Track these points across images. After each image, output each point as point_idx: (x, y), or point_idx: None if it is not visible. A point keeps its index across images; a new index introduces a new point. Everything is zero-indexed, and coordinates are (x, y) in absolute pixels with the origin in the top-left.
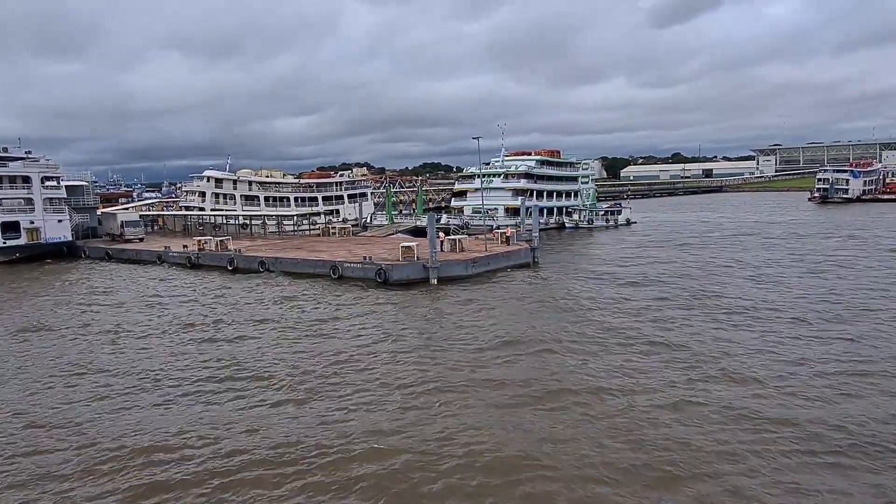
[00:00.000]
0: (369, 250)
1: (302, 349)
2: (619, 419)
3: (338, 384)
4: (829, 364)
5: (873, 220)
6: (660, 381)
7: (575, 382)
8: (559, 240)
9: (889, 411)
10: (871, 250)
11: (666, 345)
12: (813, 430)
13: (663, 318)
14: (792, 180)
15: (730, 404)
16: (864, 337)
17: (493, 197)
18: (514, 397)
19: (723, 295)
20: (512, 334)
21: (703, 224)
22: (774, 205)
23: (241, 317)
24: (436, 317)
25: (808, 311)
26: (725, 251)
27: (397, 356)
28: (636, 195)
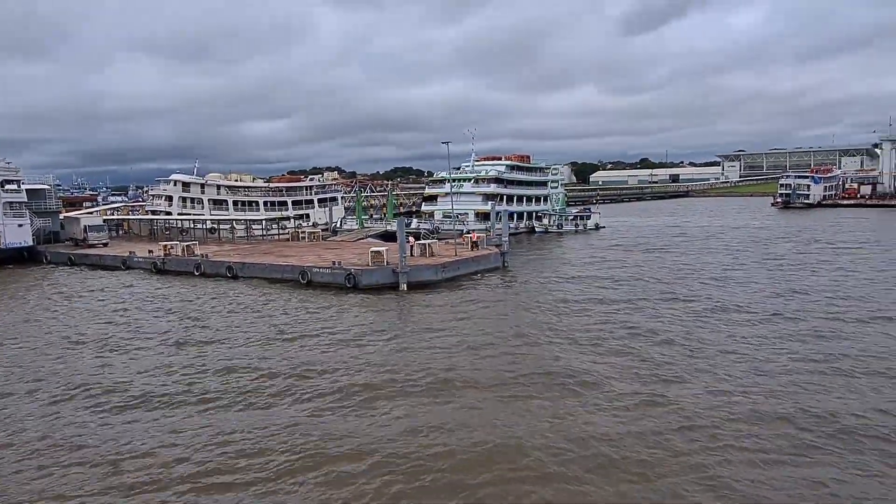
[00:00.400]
0: (339, 255)
1: (268, 355)
2: (593, 417)
3: (305, 389)
4: (794, 361)
5: (832, 225)
6: (630, 380)
7: (546, 383)
8: (529, 244)
9: (852, 402)
10: (831, 253)
11: (634, 344)
12: (779, 423)
13: (631, 321)
14: (756, 185)
15: (700, 400)
16: (825, 335)
17: (463, 201)
18: (484, 399)
19: (690, 297)
20: (481, 338)
21: (671, 228)
22: (739, 210)
23: (207, 323)
24: (405, 322)
25: (771, 312)
26: (692, 255)
27: (365, 360)
28: (605, 200)
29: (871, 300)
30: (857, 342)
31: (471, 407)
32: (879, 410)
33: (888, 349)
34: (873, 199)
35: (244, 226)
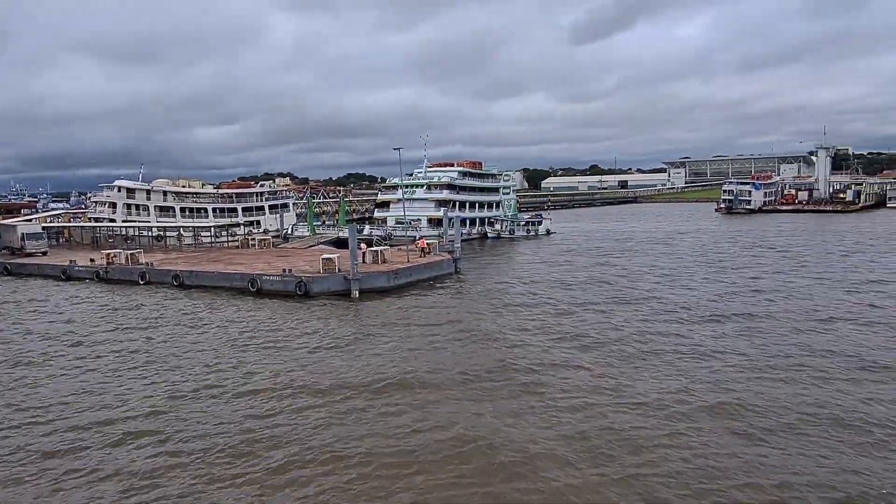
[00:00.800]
0: (290, 262)
1: (214, 364)
2: (546, 416)
3: (251, 399)
4: (736, 355)
5: (772, 229)
6: (584, 381)
7: (500, 386)
8: (482, 250)
9: (787, 395)
10: (771, 257)
11: (586, 345)
12: (724, 416)
13: (582, 323)
14: (700, 191)
15: (650, 398)
16: (764, 331)
17: (416, 208)
18: (436, 402)
19: (639, 299)
20: (432, 343)
21: (620, 233)
22: (685, 215)
23: (150, 334)
24: (356, 329)
25: (716, 312)
26: (641, 259)
27: (314, 368)
28: (557, 206)
29: (808, 300)
30: (798, 339)
31: (424, 410)
32: (822, 402)
33: (825, 345)
34: (810, 205)
35: (192, 233)
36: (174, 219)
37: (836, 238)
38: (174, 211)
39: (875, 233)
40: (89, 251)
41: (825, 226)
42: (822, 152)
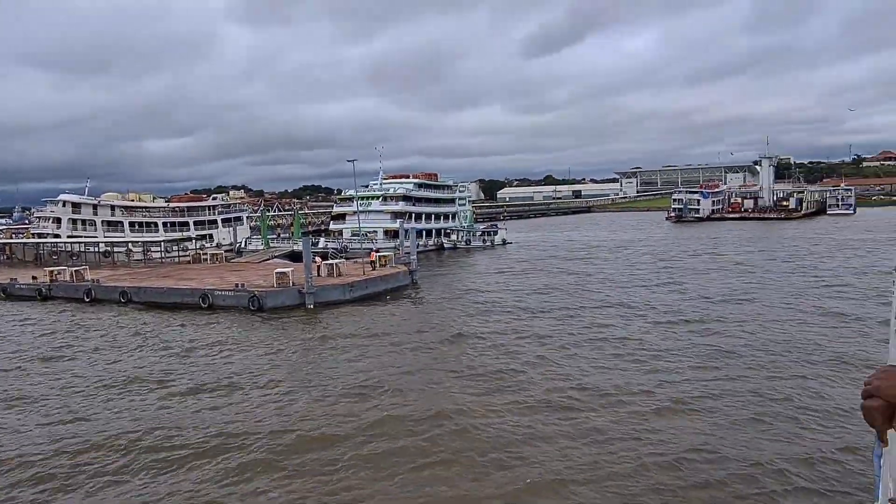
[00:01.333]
0: (243, 277)
1: (164, 382)
2: (505, 424)
3: (201, 419)
4: (689, 360)
5: (719, 236)
6: (537, 390)
7: (454, 399)
8: (438, 261)
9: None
10: (718, 262)
11: (543, 353)
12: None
13: (539, 332)
14: (651, 200)
15: (607, 402)
16: (712, 332)
17: (372, 220)
18: (392, 417)
19: (594, 306)
20: (388, 357)
21: (575, 242)
22: (638, 223)
23: (95, 354)
24: (310, 343)
25: (668, 317)
26: (595, 266)
27: (267, 384)
28: (512, 216)
29: (753, 303)
30: (743, 339)
31: (384, 424)
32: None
33: (768, 344)
34: (755, 213)
35: (141, 248)
36: (122, 234)
37: (779, 244)
38: (122, 226)
39: (816, 239)
40: (32, 269)
41: (770, 232)
42: (765, 162)
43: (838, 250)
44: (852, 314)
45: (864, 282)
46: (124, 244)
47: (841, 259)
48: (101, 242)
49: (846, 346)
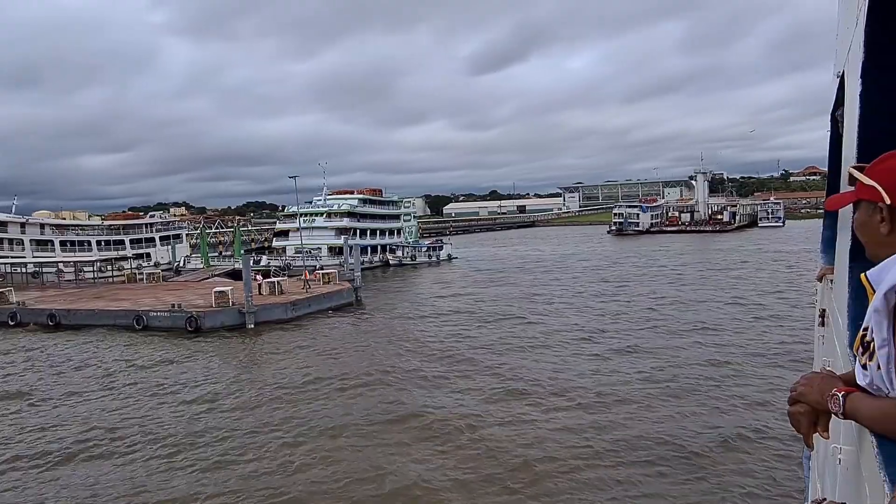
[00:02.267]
0: (180, 296)
1: (92, 411)
2: (450, 444)
3: (132, 446)
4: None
5: (658, 249)
6: (480, 403)
7: (400, 414)
8: (384, 278)
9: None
10: (656, 273)
11: (486, 367)
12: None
13: (482, 347)
14: (593, 215)
15: (548, 416)
16: (649, 340)
17: (316, 236)
18: (335, 437)
19: (537, 320)
20: (330, 374)
21: (520, 257)
22: (581, 237)
23: (14, 383)
24: (250, 364)
25: (607, 325)
26: (539, 279)
27: (202, 408)
28: (458, 231)
29: (688, 312)
30: (681, 353)
31: (327, 449)
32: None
33: (700, 354)
34: (692, 226)
35: (73, 268)
36: (53, 253)
37: (714, 255)
38: (53, 245)
39: (749, 250)
40: None
41: (705, 244)
42: (700, 177)
43: (770, 261)
44: (781, 323)
45: (791, 291)
46: (54, 264)
47: (771, 269)
48: (30, 262)
49: (776, 353)
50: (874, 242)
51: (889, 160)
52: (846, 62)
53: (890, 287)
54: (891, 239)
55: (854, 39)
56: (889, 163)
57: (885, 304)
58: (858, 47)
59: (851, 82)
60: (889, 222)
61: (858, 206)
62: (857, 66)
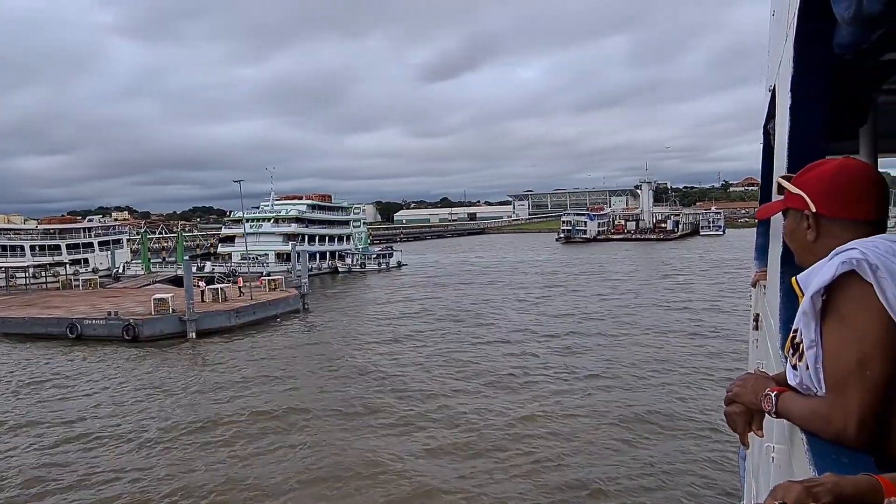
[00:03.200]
0: (118, 304)
1: (19, 424)
2: (393, 447)
3: (62, 464)
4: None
5: (604, 256)
6: (426, 408)
7: (346, 421)
8: (333, 284)
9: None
10: (602, 279)
11: (434, 375)
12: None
13: (429, 353)
14: (543, 222)
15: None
16: (592, 343)
17: (263, 242)
18: (275, 451)
19: (486, 324)
20: (273, 384)
21: (469, 264)
22: (530, 244)
23: None
24: (190, 373)
25: (556, 333)
26: (489, 286)
27: (140, 418)
28: (409, 238)
29: (631, 316)
30: (617, 348)
31: (260, 458)
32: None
33: (641, 356)
34: (637, 234)
35: (3, 274)
36: None
37: (658, 263)
38: None
39: (691, 258)
40: None
41: (648, 252)
42: (645, 186)
43: (709, 268)
44: (719, 327)
45: (729, 297)
46: None
47: (710, 276)
48: None
49: (712, 356)
50: (802, 249)
51: (814, 170)
52: (777, 76)
53: (817, 290)
54: (817, 246)
55: (784, 55)
56: (814, 172)
57: (813, 306)
58: (788, 62)
59: (782, 96)
60: (815, 229)
61: (787, 214)
62: (787, 80)
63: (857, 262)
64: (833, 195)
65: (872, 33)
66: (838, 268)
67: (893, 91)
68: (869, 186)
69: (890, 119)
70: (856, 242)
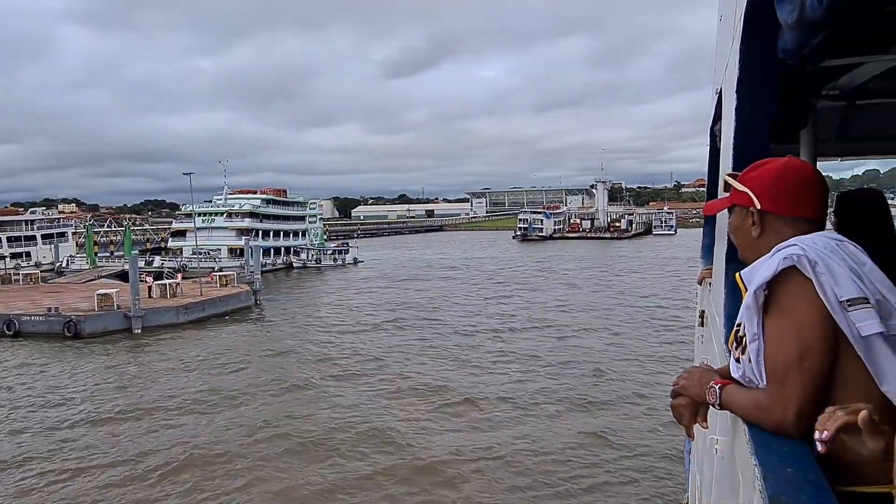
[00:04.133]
0: (60, 299)
1: None
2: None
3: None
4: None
5: (560, 254)
6: (379, 405)
7: (294, 424)
8: (287, 280)
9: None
10: (556, 276)
11: (384, 371)
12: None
13: (383, 350)
14: (500, 220)
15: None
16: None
17: (215, 237)
18: (217, 453)
19: (440, 320)
20: (221, 383)
21: (426, 260)
22: (487, 242)
23: None
24: (131, 373)
25: (510, 323)
26: (442, 282)
27: (75, 421)
28: (367, 234)
29: (584, 313)
30: (569, 343)
31: (201, 459)
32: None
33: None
34: (592, 232)
35: None
36: None
37: (612, 260)
38: None
39: (644, 256)
40: None
41: (603, 250)
42: (600, 185)
43: (660, 266)
44: (668, 323)
45: (679, 293)
46: None
47: (661, 274)
48: None
49: (664, 350)
50: (746, 245)
51: (759, 168)
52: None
53: (759, 285)
54: (760, 241)
55: (730, 58)
56: (759, 170)
57: (755, 301)
58: (734, 65)
59: (728, 98)
60: (759, 226)
61: (733, 210)
62: (732, 83)
63: (797, 258)
64: (778, 193)
65: (814, 39)
66: (780, 264)
67: (832, 96)
68: (812, 186)
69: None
70: (797, 239)
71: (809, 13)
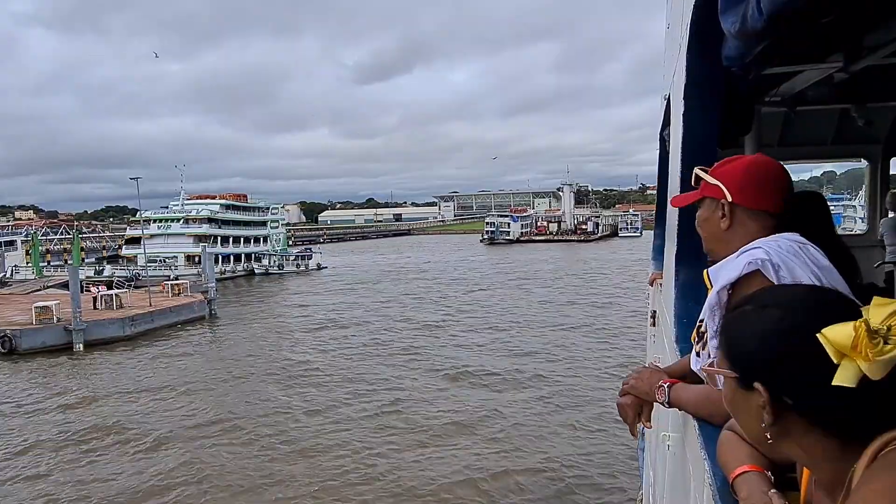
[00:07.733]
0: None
1: None
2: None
3: None
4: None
5: (526, 257)
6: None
7: (250, 441)
8: (248, 287)
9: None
10: (522, 278)
11: (348, 379)
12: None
13: (347, 355)
14: (468, 223)
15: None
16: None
17: (172, 244)
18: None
19: (409, 321)
20: (169, 402)
21: (392, 265)
22: (454, 245)
23: None
24: (70, 393)
25: (471, 326)
26: (408, 288)
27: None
28: (334, 239)
29: (548, 315)
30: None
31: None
32: None
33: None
34: (559, 235)
35: None
36: None
37: (578, 263)
38: None
39: (609, 258)
40: None
41: (570, 253)
42: (567, 188)
43: (627, 266)
44: (624, 323)
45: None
46: None
47: (629, 274)
48: None
49: (617, 352)
50: (713, 237)
51: (731, 163)
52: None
53: (723, 285)
54: (728, 234)
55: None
56: (731, 165)
57: (719, 300)
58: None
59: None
60: (728, 218)
61: (702, 203)
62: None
63: (761, 262)
64: (748, 186)
65: (756, 47)
66: (744, 267)
67: (774, 103)
68: (780, 182)
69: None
70: (761, 241)
71: (751, 23)
